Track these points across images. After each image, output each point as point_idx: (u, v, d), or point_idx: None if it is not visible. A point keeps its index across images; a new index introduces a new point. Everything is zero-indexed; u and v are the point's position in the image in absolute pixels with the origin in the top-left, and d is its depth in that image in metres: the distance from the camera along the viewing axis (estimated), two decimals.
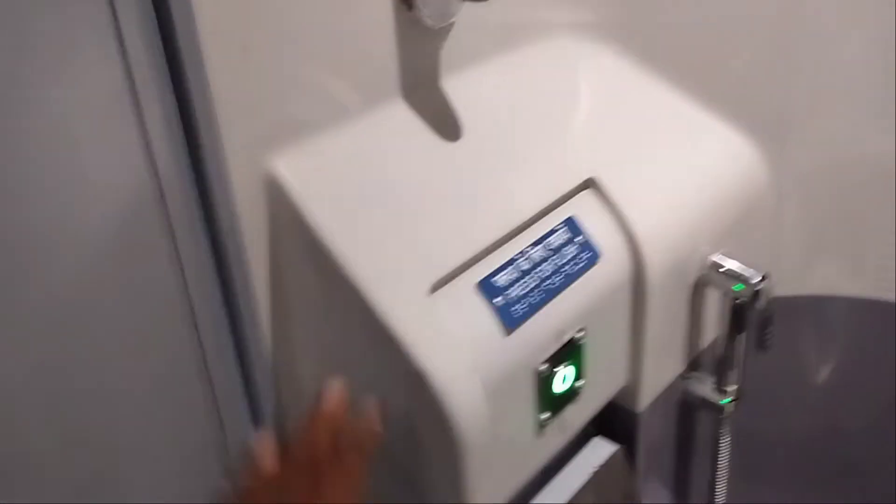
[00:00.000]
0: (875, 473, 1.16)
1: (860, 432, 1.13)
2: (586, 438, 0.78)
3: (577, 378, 0.67)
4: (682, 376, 0.84)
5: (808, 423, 1.13)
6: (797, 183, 0.92)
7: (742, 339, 0.78)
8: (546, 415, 0.65)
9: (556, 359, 0.64)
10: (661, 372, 0.80)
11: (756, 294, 0.77)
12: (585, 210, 0.70)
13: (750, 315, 0.78)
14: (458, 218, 0.62)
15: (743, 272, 0.77)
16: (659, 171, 0.76)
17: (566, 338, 0.65)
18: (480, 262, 0.62)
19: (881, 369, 1.07)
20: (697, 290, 0.79)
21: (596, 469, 0.75)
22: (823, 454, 1.15)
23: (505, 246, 0.64)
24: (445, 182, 0.64)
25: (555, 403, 0.66)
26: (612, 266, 0.69)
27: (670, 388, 0.82)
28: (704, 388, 0.83)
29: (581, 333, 0.66)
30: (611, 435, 0.78)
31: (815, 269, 0.97)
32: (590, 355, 0.68)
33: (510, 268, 0.62)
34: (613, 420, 0.78)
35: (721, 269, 0.77)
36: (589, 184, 0.71)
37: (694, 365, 0.85)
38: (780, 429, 1.13)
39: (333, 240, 0.56)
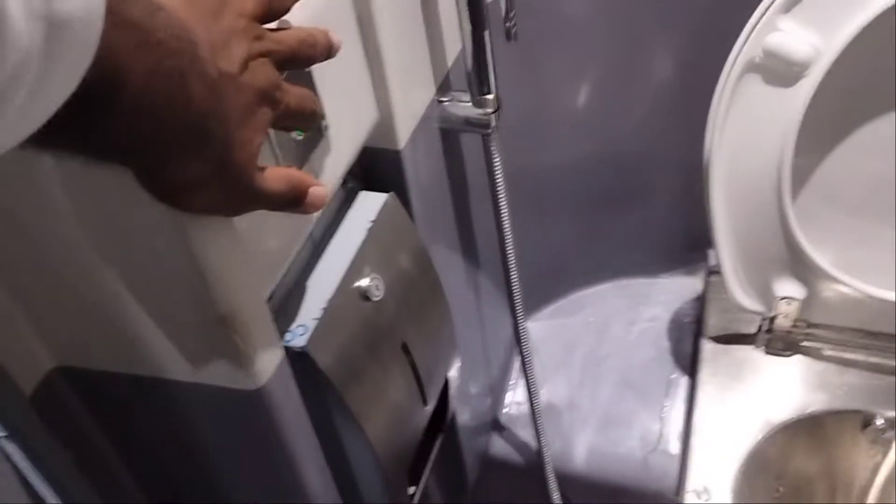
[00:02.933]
0: (654, 196, 1.19)
1: (631, 155, 1.13)
2: (352, 196, 0.69)
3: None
4: (438, 101, 0.76)
5: (578, 150, 1.12)
6: None
7: (486, 36, 0.70)
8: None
9: None
10: (413, 99, 0.71)
11: None
12: None
13: (487, 6, 0.69)
14: None
15: None
16: None
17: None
18: None
19: (646, 89, 1.05)
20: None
21: (371, 222, 0.67)
22: (598, 180, 1.15)
23: None
24: None
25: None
26: None
27: (428, 119, 0.74)
28: (463, 107, 0.76)
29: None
30: (377, 183, 0.70)
31: None
32: (327, 90, 0.57)
33: None
34: (376, 166, 0.69)
35: None
36: None
37: (446, 87, 0.77)
38: (551, 159, 1.11)
39: None
